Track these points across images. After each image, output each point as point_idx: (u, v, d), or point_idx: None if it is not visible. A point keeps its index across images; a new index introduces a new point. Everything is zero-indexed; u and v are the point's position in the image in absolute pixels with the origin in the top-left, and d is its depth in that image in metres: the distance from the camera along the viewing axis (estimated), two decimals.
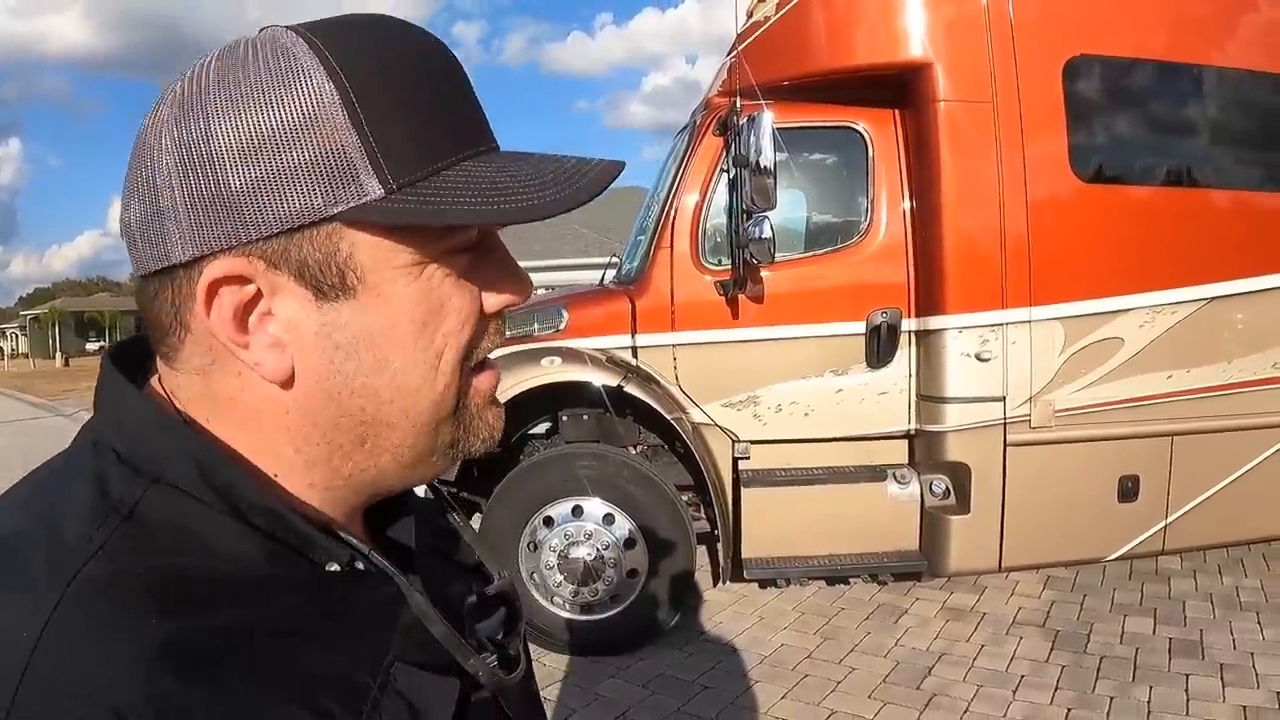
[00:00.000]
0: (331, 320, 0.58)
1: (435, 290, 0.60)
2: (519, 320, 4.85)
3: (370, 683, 0.58)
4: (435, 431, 0.64)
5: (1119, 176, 4.66)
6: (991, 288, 4.38)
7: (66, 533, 0.53)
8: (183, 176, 0.55)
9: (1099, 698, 3.86)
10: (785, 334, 4.58)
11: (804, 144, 4.81)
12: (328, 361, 0.59)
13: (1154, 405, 4.53)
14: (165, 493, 0.56)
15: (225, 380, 0.60)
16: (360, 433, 0.62)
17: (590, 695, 4.08)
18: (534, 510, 4.45)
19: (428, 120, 0.59)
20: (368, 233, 0.57)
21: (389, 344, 0.60)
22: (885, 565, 4.66)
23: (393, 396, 0.61)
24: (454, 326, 0.62)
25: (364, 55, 0.57)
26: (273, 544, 0.58)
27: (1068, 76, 4.43)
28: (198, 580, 0.54)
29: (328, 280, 0.57)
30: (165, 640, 0.50)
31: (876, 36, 4.50)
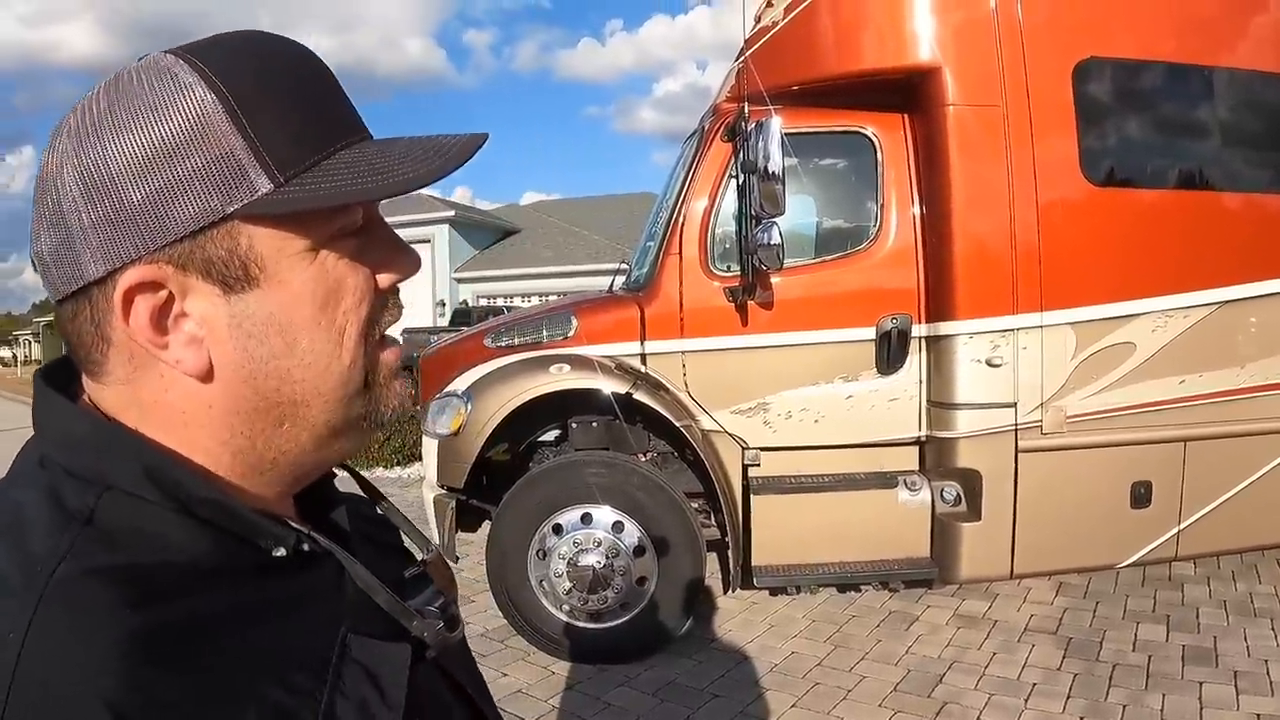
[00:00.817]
0: (240, 310, 0.62)
1: (330, 272, 0.65)
2: (528, 328, 4.84)
3: (329, 654, 0.63)
4: (348, 405, 0.68)
5: (1130, 179, 4.61)
6: (1002, 293, 4.34)
7: (33, 544, 0.56)
8: (87, 200, 0.59)
9: (1111, 706, 3.83)
10: (795, 340, 4.54)
11: (813, 149, 4.77)
12: (242, 349, 0.63)
13: (1166, 410, 4.48)
14: (117, 498, 0.60)
15: (149, 385, 0.63)
16: (279, 414, 0.66)
17: (599, 704, 4.06)
18: (543, 518, 4.43)
19: (303, 118, 0.63)
20: (262, 225, 0.61)
21: (295, 326, 0.64)
22: (896, 573, 4.62)
23: (304, 375, 0.65)
24: (352, 304, 0.66)
25: (239, 66, 0.62)
26: (221, 535, 0.62)
27: (1078, 79, 4.39)
28: (161, 574, 0.58)
29: (232, 274, 0.61)
30: (140, 631, 0.53)
31: (884, 40, 4.46)
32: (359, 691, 0.63)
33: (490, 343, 4.87)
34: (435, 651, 0.73)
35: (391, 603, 0.70)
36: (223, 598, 0.59)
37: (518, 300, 28.25)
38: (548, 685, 4.28)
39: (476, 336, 5.10)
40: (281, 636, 0.61)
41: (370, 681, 0.64)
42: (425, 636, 0.71)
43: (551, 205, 41.04)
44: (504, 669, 4.44)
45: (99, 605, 0.54)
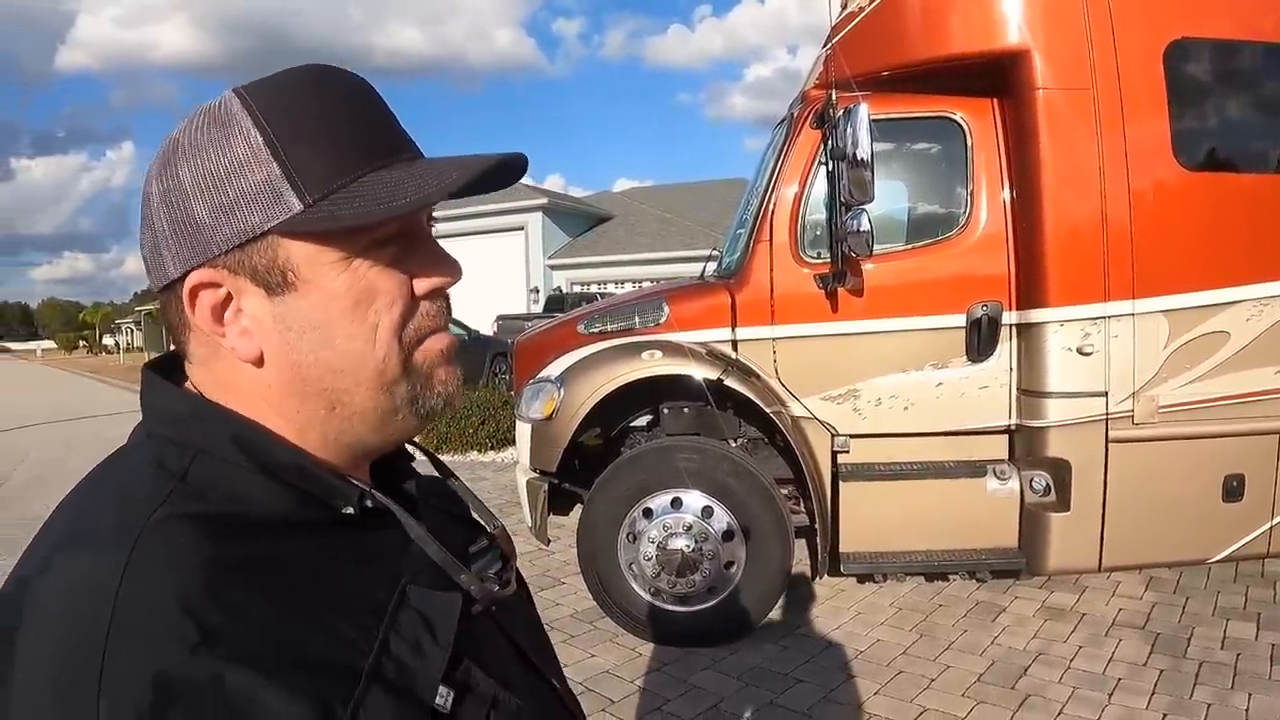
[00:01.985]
0: (282, 310, 0.74)
1: (362, 279, 0.75)
2: (621, 314, 4.92)
3: (387, 600, 0.72)
4: (391, 392, 0.78)
5: (1224, 163, 4.52)
6: (1093, 280, 4.30)
7: (138, 493, 0.69)
8: (167, 212, 0.73)
9: (1196, 704, 3.78)
10: (885, 327, 4.54)
11: (902, 135, 4.77)
12: (285, 343, 0.75)
13: (1261, 402, 4.39)
14: (209, 461, 0.72)
15: (223, 367, 0.77)
16: (328, 399, 0.77)
17: (684, 686, 4.12)
18: (634, 502, 4.51)
19: (338, 146, 0.73)
20: (298, 240, 0.72)
21: (329, 324, 0.75)
22: (983, 562, 4.60)
23: (342, 366, 0.76)
24: (384, 305, 0.76)
25: (284, 103, 0.73)
26: (297, 492, 0.74)
27: (1169, 60, 4.32)
28: (242, 520, 0.69)
29: (274, 280, 0.73)
30: (223, 559, 0.65)
31: (973, 24, 4.44)
32: (413, 632, 0.72)
33: (583, 329, 4.95)
34: (482, 605, 0.81)
35: (441, 555, 0.79)
36: (296, 544, 0.71)
37: (611, 286, 28.44)
38: (634, 667, 4.34)
39: (570, 323, 5.19)
40: (348, 582, 0.71)
41: (424, 624, 0.73)
42: (472, 589, 0.80)
43: (644, 192, 41.06)
44: (592, 650, 4.52)
45: (186, 541, 0.65)
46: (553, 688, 0.94)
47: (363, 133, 0.75)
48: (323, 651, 0.65)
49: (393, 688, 0.67)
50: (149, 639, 0.59)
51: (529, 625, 0.97)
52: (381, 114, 0.78)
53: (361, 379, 0.76)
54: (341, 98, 0.76)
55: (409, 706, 0.68)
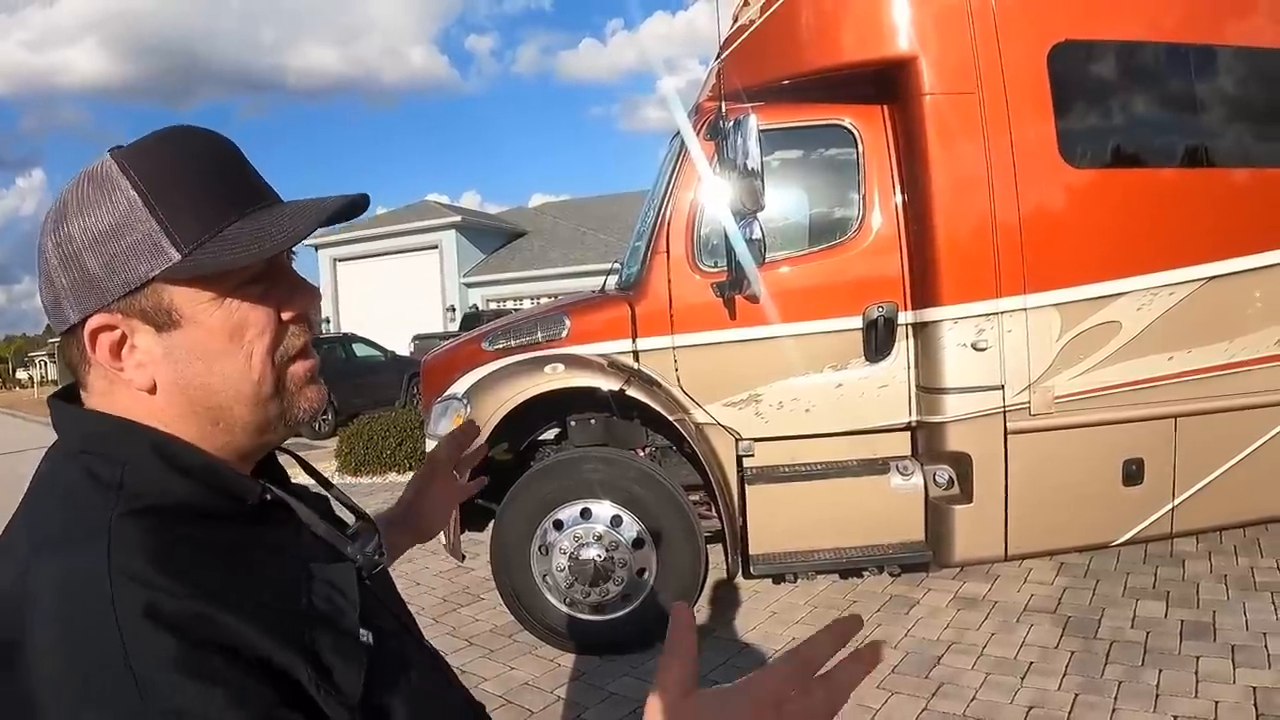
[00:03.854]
0: (169, 344, 0.85)
1: (235, 313, 0.86)
2: (523, 330, 4.96)
3: (298, 575, 0.85)
4: (265, 407, 0.90)
5: (1108, 160, 4.65)
6: (984, 277, 4.39)
7: (90, 502, 0.79)
8: (63, 267, 0.83)
9: (1107, 682, 3.87)
10: (783, 332, 4.61)
11: (794, 143, 4.84)
12: (175, 370, 0.86)
13: (1156, 388, 4.52)
14: (135, 469, 0.82)
15: (122, 396, 0.86)
16: (213, 416, 0.88)
17: (603, 693, 4.16)
18: (544, 514, 4.54)
19: (205, 198, 0.84)
20: (178, 284, 0.83)
21: (210, 354, 0.86)
22: (891, 557, 4.68)
23: (222, 387, 0.87)
24: (255, 335, 0.87)
25: (156, 164, 0.84)
26: (211, 491, 0.85)
27: (1053, 62, 4.43)
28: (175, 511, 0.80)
29: (161, 319, 0.84)
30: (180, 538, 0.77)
31: (859, 33, 4.52)
32: (326, 595, 0.85)
33: (487, 346, 4.99)
34: (367, 572, 0.95)
35: (330, 531, 0.96)
36: (221, 530, 0.83)
37: (527, 303, 28.28)
38: (553, 677, 4.38)
39: (474, 340, 5.22)
40: (265, 561, 0.84)
41: (334, 588, 0.87)
42: (358, 559, 0.95)
43: (558, 206, 40.95)
44: (511, 663, 4.56)
45: (148, 529, 0.76)
46: (423, 642, 1.06)
47: (225, 185, 0.87)
48: (273, 600, 0.79)
49: (332, 627, 0.82)
50: (146, 596, 0.71)
51: (395, 594, 1.10)
52: (240, 166, 0.90)
53: (240, 398, 0.88)
54: (204, 155, 0.87)
55: (345, 639, 0.83)
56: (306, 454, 7.14)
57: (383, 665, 0.86)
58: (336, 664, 0.79)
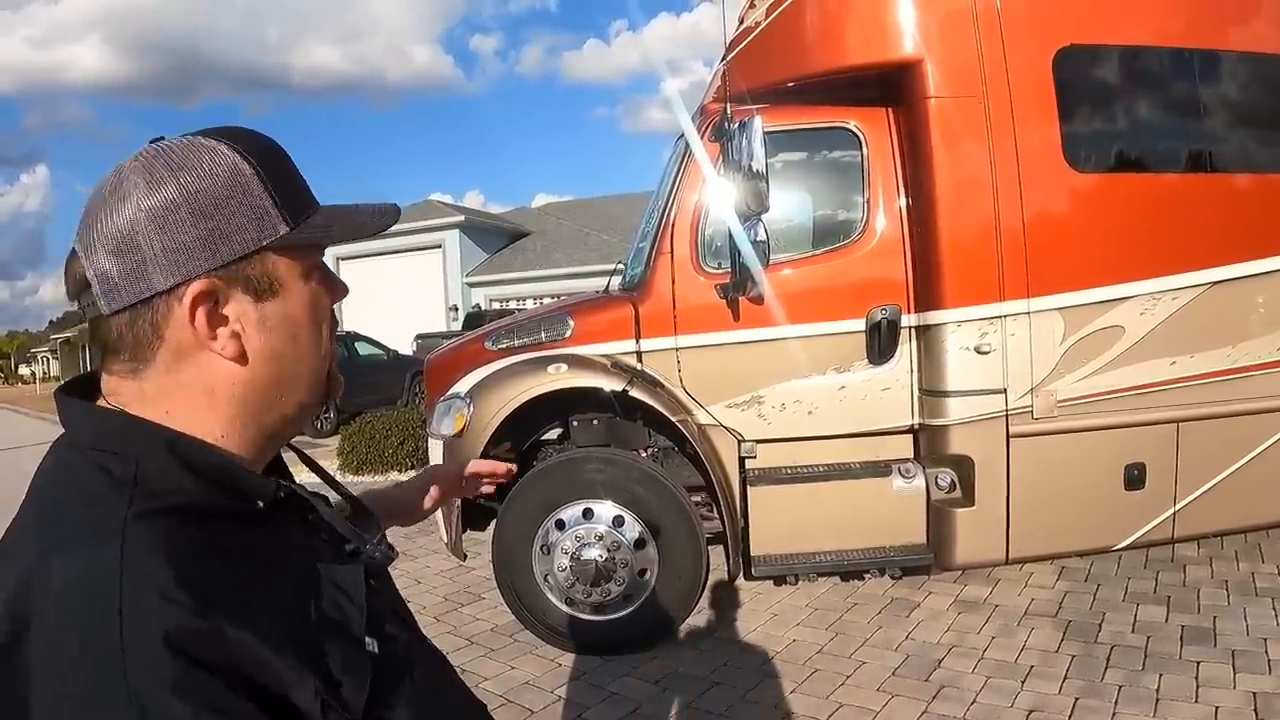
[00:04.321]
0: (264, 313, 0.88)
1: (316, 288, 0.93)
2: (527, 330, 4.96)
3: (308, 577, 0.86)
4: (321, 387, 0.96)
5: (1113, 164, 4.66)
6: (988, 281, 4.40)
7: (104, 499, 0.78)
8: (159, 230, 0.82)
9: (1108, 687, 3.87)
10: (786, 334, 4.62)
11: (799, 146, 4.84)
12: (264, 340, 0.88)
13: (1158, 392, 4.52)
14: (149, 466, 0.81)
15: (188, 372, 0.86)
16: (282, 388, 0.91)
17: (603, 693, 4.16)
18: (546, 514, 4.55)
19: (298, 184, 0.92)
20: (282, 255, 0.88)
21: (297, 324, 0.91)
22: (892, 559, 4.69)
23: (301, 357, 0.92)
24: (326, 311, 0.95)
25: (253, 146, 0.88)
26: (222, 490, 0.84)
27: (1058, 67, 4.44)
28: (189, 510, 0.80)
29: (263, 287, 0.87)
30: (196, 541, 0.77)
31: (865, 36, 4.53)
32: (334, 599, 0.86)
33: (491, 345, 4.99)
34: (373, 572, 0.95)
35: (349, 528, 0.96)
36: (236, 530, 0.83)
37: (530, 303, 28.28)
38: (554, 677, 4.38)
39: (478, 340, 5.23)
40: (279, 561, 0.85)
41: (340, 592, 0.87)
42: (376, 555, 0.96)
43: (561, 207, 40.88)
44: (512, 663, 4.56)
45: (164, 530, 0.76)
46: (423, 639, 1.08)
47: (300, 179, 0.93)
48: (286, 610, 0.80)
49: (340, 638, 0.83)
50: (157, 608, 0.71)
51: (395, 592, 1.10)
52: (297, 167, 0.95)
53: (311, 370, 0.94)
54: (279, 151, 0.93)
55: (353, 649, 0.84)
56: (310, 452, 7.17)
57: (386, 672, 0.87)
58: (344, 679, 0.80)
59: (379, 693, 0.84)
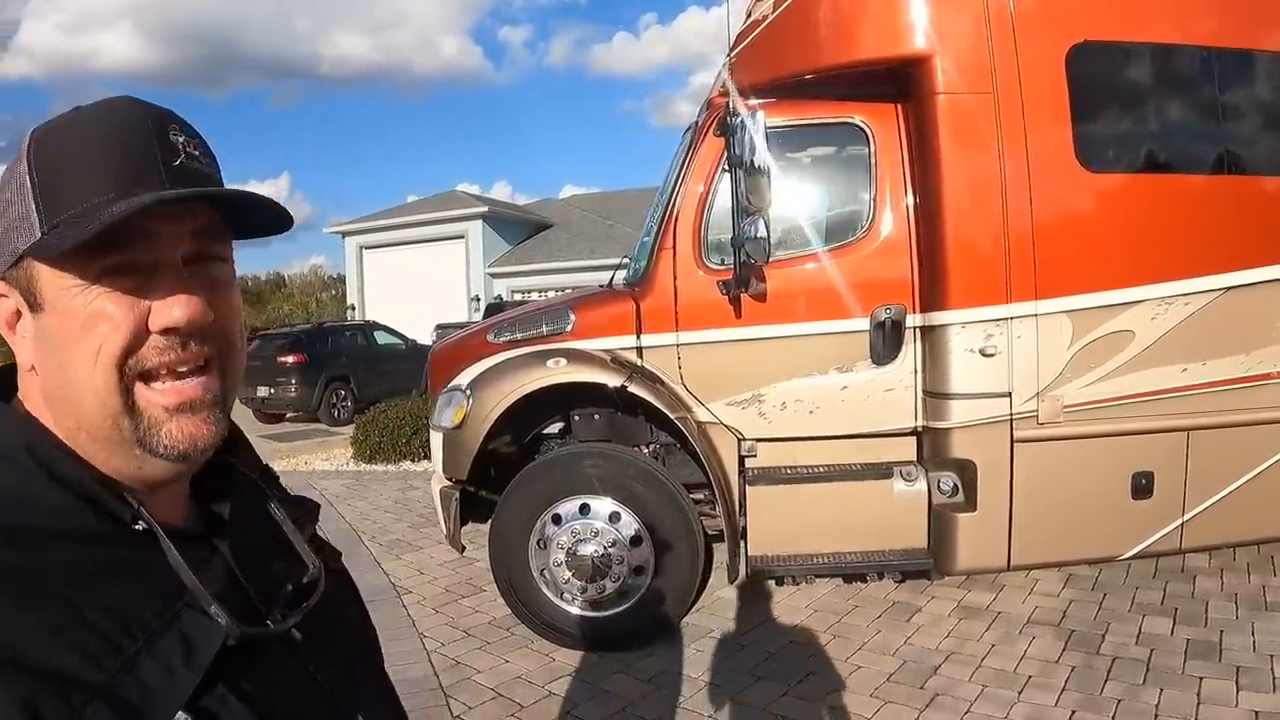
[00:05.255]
0: (37, 326, 0.78)
1: (94, 303, 0.76)
2: (529, 323, 4.95)
3: (155, 619, 0.73)
4: (117, 424, 0.78)
5: (1126, 164, 4.56)
6: (995, 282, 4.32)
7: None
8: None
9: (1106, 700, 3.80)
10: (788, 332, 4.57)
11: (806, 141, 4.79)
12: (42, 355, 0.79)
13: (1168, 399, 4.42)
14: (7, 466, 0.76)
15: (20, 372, 0.83)
16: (74, 417, 0.79)
17: (595, 690, 4.16)
18: (543, 508, 4.55)
19: (86, 176, 0.77)
20: (43, 264, 0.77)
21: (64, 343, 0.77)
22: (891, 563, 4.62)
23: (71, 378, 0.77)
24: (108, 331, 0.76)
25: (54, 139, 0.79)
26: (85, 504, 0.76)
27: (1071, 64, 4.34)
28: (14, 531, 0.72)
29: (31, 299, 0.78)
30: None
31: (873, 30, 4.46)
32: (168, 655, 0.72)
33: (493, 338, 4.99)
34: (233, 640, 0.77)
35: (195, 586, 0.77)
36: (67, 554, 0.72)
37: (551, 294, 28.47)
38: (546, 672, 4.37)
39: (481, 332, 5.23)
40: (111, 597, 0.72)
41: (183, 648, 0.73)
42: (222, 622, 0.76)
43: (586, 199, 40.80)
44: (506, 656, 4.56)
45: None
46: None
47: (119, 163, 0.77)
48: (53, 660, 0.66)
49: (122, 706, 0.68)
50: None
51: (341, 660, 0.96)
52: (153, 144, 0.79)
53: (86, 396, 0.77)
54: (111, 129, 0.79)
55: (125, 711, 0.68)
56: (324, 440, 7.24)
57: None
58: None
59: None
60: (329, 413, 15.74)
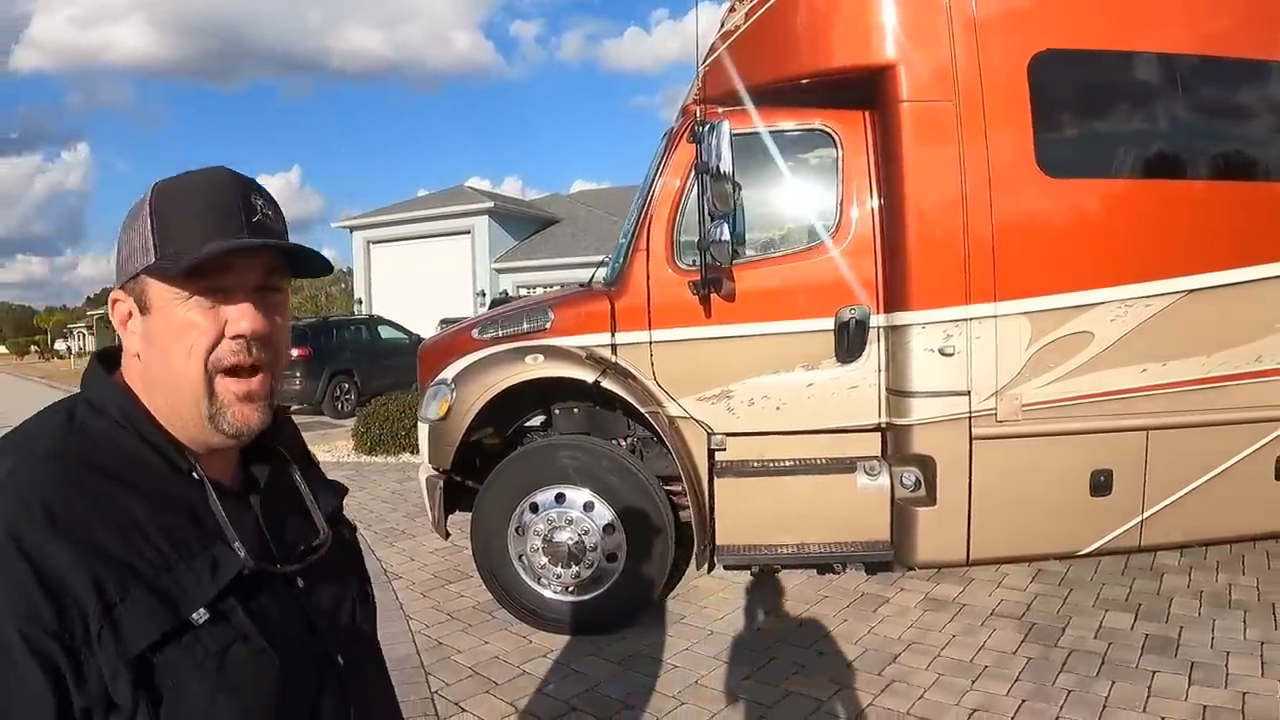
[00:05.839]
0: (145, 325, 1.08)
1: (189, 313, 1.06)
2: (511, 320, 5.15)
3: (193, 543, 1.02)
4: (197, 405, 1.08)
5: (1086, 170, 4.66)
6: (954, 284, 4.45)
7: (46, 430, 1.05)
8: (116, 251, 1.11)
9: (1057, 690, 3.92)
10: (756, 331, 4.73)
11: (776, 146, 4.86)
12: (146, 347, 1.08)
13: (1128, 399, 4.53)
14: (103, 419, 1.06)
15: (127, 358, 1.12)
16: (166, 395, 1.08)
17: (566, 670, 4.35)
18: (521, 497, 4.75)
19: (191, 223, 1.06)
20: (155, 280, 1.06)
21: (164, 340, 1.06)
22: (853, 555, 4.76)
23: (169, 367, 1.07)
24: (197, 335, 1.06)
25: (171, 191, 1.09)
26: (155, 454, 1.06)
27: (1033, 72, 4.46)
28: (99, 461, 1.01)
29: (142, 305, 1.08)
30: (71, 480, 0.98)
31: (838, 41, 4.60)
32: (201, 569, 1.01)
33: (478, 334, 5.19)
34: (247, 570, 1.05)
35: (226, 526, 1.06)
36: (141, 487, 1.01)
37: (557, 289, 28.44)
38: (522, 653, 4.57)
39: (467, 328, 5.43)
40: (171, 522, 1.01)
41: (212, 566, 1.02)
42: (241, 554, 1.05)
43: (592, 194, 40.68)
44: (485, 638, 4.77)
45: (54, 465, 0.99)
46: (333, 662, 1.18)
47: (215, 215, 1.06)
48: (116, 550, 0.94)
49: (161, 593, 0.96)
50: (10, 517, 0.92)
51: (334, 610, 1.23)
52: (237, 203, 1.08)
53: (179, 382, 1.06)
54: (211, 190, 1.08)
55: (164, 608, 0.96)
56: (326, 433, 7.54)
57: (195, 646, 0.97)
58: (135, 614, 0.93)
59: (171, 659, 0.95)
60: (332, 406, 16.11)
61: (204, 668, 0.97)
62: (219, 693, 0.98)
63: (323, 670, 1.15)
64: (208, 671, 0.98)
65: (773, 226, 5.07)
